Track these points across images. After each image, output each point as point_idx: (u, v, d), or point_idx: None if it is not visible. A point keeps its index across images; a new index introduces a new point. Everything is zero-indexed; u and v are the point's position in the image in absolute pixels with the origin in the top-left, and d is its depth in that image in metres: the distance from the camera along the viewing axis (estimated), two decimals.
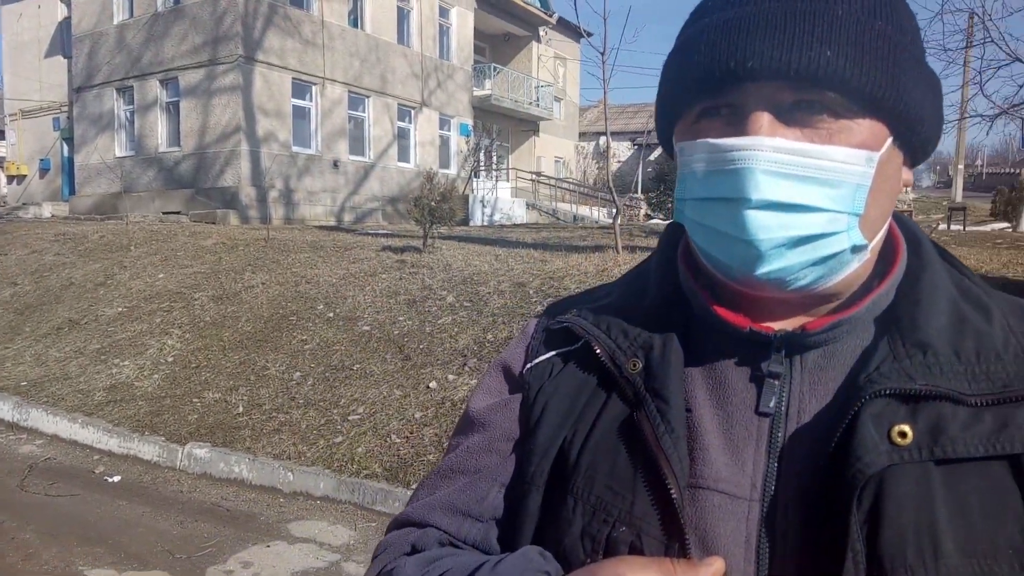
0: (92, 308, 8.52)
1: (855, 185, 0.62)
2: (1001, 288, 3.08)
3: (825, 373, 0.67)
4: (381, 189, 19.28)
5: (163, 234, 11.86)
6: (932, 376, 0.61)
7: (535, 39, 26.44)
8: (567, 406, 0.73)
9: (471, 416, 0.82)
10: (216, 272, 9.11)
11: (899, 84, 0.62)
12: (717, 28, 0.63)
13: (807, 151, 0.61)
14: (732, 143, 0.62)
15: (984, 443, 0.59)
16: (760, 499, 0.64)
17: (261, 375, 6.29)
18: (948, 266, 0.72)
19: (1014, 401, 0.60)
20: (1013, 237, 12.81)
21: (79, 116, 18.72)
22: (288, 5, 16.78)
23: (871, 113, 0.62)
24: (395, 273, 8.32)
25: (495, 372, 0.84)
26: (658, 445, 0.65)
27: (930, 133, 0.67)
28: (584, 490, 0.68)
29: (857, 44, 0.61)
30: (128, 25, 17.57)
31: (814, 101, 0.61)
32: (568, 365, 0.76)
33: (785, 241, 0.61)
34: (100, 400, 6.32)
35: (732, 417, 0.67)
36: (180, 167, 16.71)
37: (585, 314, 0.77)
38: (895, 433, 0.59)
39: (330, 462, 4.92)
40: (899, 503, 0.58)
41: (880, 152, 0.63)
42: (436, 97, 21.23)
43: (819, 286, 0.66)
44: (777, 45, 0.60)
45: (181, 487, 4.98)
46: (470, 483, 0.77)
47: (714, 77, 0.62)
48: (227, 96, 15.85)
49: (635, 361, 0.71)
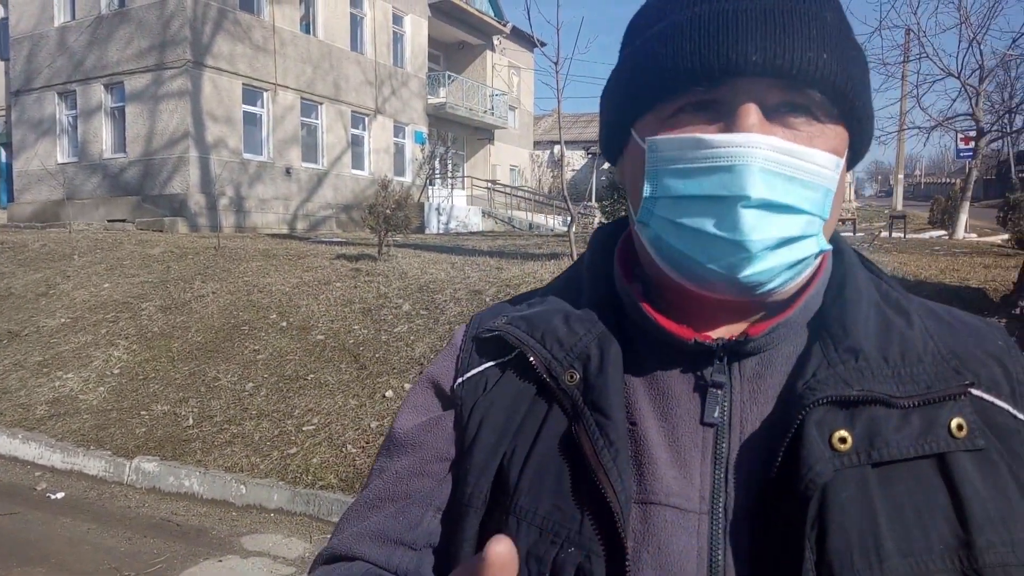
0: (33, 319, 8.22)
1: (826, 189, 0.63)
2: (938, 293, 3.25)
3: (764, 381, 0.66)
4: (335, 197, 19.09)
5: (108, 242, 11.51)
6: (865, 380, 0.62)
7: (489, 48, 26.56)
8: (505, 421, 0.69)
9: (398, 437, 0.76)
10: (164, 281, 8.89)
11: (866, 91, 0.65)
12: (713, 18, 0.61)
13: (798, 152, 0.61)
14: (728, 139, 0.60)
15: (914, 444, 0.60)
16: (709, 512, 0.63)
17: (212, 386, 6.16)
18: (868, 271, 0.73)
19: (937, 402, 0.62)
20: (949, 244, 13.34)
21: (17, 120, 18.08)
22: (238, 10, 16.52)
23: (842, 118, 0.64)
24: (350, 281, 8.24)
25: (422, 388, 0.79)
26: (597, 461, 0.63)
27: (869, 142, 0.69)
28: (529, 510, 0.65)
29: (841, 50, 0.62)
30: (70, 27, 17.06)
31: (799, 103, 0.62)
32: (504, 377, 0.72)
33: (773, 242, 0.61)
34: (42, 414, 6.11)
35: (677, 429, 0.66)
36: (126, 174, 16.26)
37: (517, 322, 0.73)
38: (835, 439, 0.60)
39: (284, 474, 4.85)
40: (843, 509, 0.58)
41: (844, 157, 0.65)
42: (390, 104, 21.13)
43: (782, 290, 0.66)
44: (780, 42, 0.59)
45: (129, 502, 4.84)
46: (402, 509, 0.72)
47: (711, 69, 0.60)
48: (175, 101, 15.50)
49: (572, 372, 0.68)
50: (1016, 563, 0.58)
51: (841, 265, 0.72)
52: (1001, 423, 0.63)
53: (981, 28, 14.64)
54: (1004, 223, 16.90)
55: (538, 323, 0.72)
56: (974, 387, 0.64)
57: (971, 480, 0.60)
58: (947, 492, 0.60)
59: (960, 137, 20.53)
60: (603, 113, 0.74)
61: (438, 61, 25.61)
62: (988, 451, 0.62)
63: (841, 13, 0.65)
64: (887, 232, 18.66)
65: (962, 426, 0.61)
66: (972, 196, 17.70)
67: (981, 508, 0.59)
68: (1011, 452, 0.63)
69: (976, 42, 14.69)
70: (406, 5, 21.74)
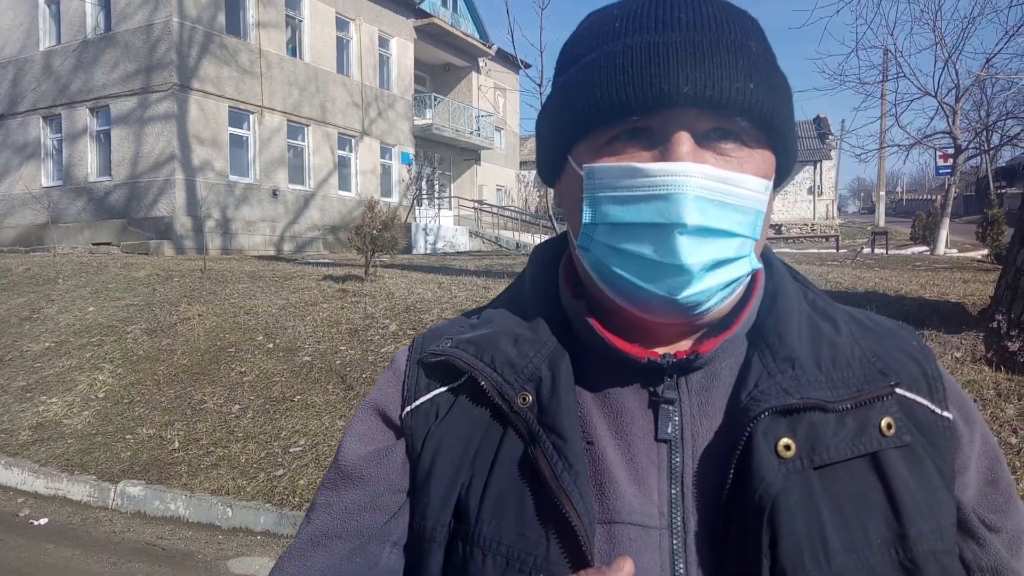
0: (16, 344, 8.15)
1: (757, 212, 0.65)
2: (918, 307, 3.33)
3: (710, 394, 0.69)
4: (322, 218, 19.10)
5: (93, 266, 11.46)
6: (803, 388, 0.65)
7: (475, 70, 26.78)
8: (461, 450, 0.68)
9: (344, 469, 0.73)
10: (150, 304, 8.86)
11: (790, 117, 0.68)
12: (644, 50, 0.63)
13: (730, 179, 0.63)
14: (663, 168, 0.62)
15: (850, 445, 0.64)
16: (668, 526, 0.64)
17: (198, 409, 6.13)
18: (796, 283, 0.77)
19: (868, 403, 0.66)
20: (931, 259, 13.52)
21: (1, 145, 18.02)
22: (224, 34, 16.62)
23: (768, 143, 0.67)
24: (336, 302, 8.24)
25: (367, 416, 0.76)
26: (558, 484, 0.63)
27: (793, 164, 0.72)
28: (493, 539, 0.64)
29: (767, 79, 0.65)
30: (55, 51, 17.08)
31: (728, 130, 0.64)
32: (456, 403, 0.71)
33: (708, 264, 0.63)
34: (25, 439, 6.05)
35: (633, 446, 0.67)
36: (111, 197, 16.22)
37: (464, 345, 0.72)
38: (780, 447, 0.62)
39: (271, 496, 4.82)
40: (791, 513, 0.61)
41: (772, 180, 0.68)
42: (377, 126, 21.24)
43: (718, 308, 0.68)
44: (710, 74, 0.61)
45: (114, 527, 4.80)
46: (357, 549, 0.69)
47: (645, 99, 0.62)
48: (161, 124, 15.52)
49: (525, 395, 0.68)
50: (944, 549, 0.63)
51: (772, 278, 0.75)
52: (923, 418, 0.68)
53: (955, 49, 14.96)
54: (983, 238, 17.13)
55: (487, 346, 0.72)
56: (899, 387, 0.68)
57: (901, 475, 0.64)
58: (881, 488, 0.63)
59: (939, 154, 20.87)
60: (539, 138, 0.75)
61: (424, 83, 25.79)
62: (914, 446, 0.66)
63: (766, 42, 0.68)
64: (870, 248, 18.88)
65: (891, 425, 0.65)
66: (953, 212, 17.96)
67: (911, 500, 0.63)
68: (933, 445, 0.67)
69: (951, 62, 15.01)
70: (392, 28, 21.94)
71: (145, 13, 15.68)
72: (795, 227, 31.41)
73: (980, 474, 0.71)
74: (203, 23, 16.08)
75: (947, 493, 0.66)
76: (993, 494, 0.71)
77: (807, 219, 33.55)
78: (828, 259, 13.18)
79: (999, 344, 4.54)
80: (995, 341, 4.59)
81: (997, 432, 3.78)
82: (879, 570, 0.61)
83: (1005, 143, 19.31)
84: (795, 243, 26.51)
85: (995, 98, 23.34)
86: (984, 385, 4.17)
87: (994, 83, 18.68)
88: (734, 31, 0.65)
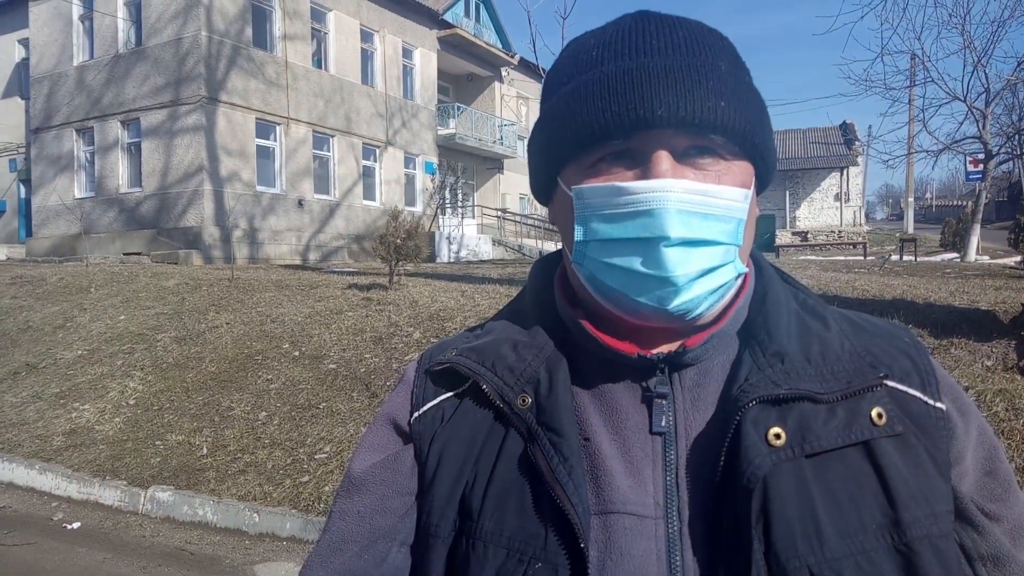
0: (51, 351, 8.34)
1: (738, 220, 0.69)
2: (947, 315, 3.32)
3: (703, 389, 0.72)
4: (347, 227, 19.29)
5: (124, 275, 11.68)
6: (792, 380, 0.69)
7: (498, 79, 26.92)
8: (465, 451, 0.73)
9: (357, 478, 0.78)
10: (179, 313, 9.01)
11: (763, 129, 0.72)
12: (620, 77, 0.67)
13: (708, 191, 0.67)
14: (645, 185, 0.66)
15: (841, 434, 0.67)
16: (664, 516, 0.68)
17: (226, 416, 6.22)
18: (786, 284, 0.81)
19: (858, 394, 0.69)
20: (961, 267, 13.29)
21: (37, 157, 18.46)
22: (251, 47, 16.90)
23: (745, 155, 0.71)
24: (361, 311, 8.32)
25: (380, 426, 0.81)
26: (553, 477, 0.67)
27: (773, 169, 0.77)
28: (495, 532, 0.68)
29: (737, 95, 0.69)
30: (88, 66, 17.50)
31: (705, 146, 0.68)
32: (460, 407, 0.75)
33: (696, 274, 0.67)
34: (59, 445, 6.18)
35: (629, 440, 0.71)
36: (141, 207, 16.54)
37: (467, 353, 0.77)
38: (771, 436, 0.66)
39: (297, 502, 4.88)
40: (784, 500, 0.64)
41: (752, 189, 0.72)
42: (401, 136, 21.43)
43: (708, 313, 0.72)
44: (682, 96, 0.66)
45: (144, 532, 4.88)
46: (366, 547, 0.74)
47: (623, 124, 0.66)
48: (190, 136, 15.81)
49: (524, 397, 0.72)
50: (939, 533, 0.66)
51: (762, 280, 0.79)
52: (916, 410, 0.71)
53: (985, 52, 14.74)
54: (1016, 245, 16.81)
55: (488, 352, 0.77)
56: (889, 379, 0.71)
57: (894, 463, 0.67)
58: (875, 475, 0.66)
59: (969, 160, 20.53)
60: (530, 162, 0.80)
61: (447, 93, 25.98)
62: (906, 435, 0.69)
63: (735, 60, 0.73)
64: (898, 255, 18.61)
65: (881, 414, 0.68)
66: (984, 218, 17.65)
67: (905, 487, 0.66)
68: (926, 434, 0.70)
69: (980, 66, 14.79)
70: (416, 39, 22.15)
71: (175, 27, 16.01)
72: (822, 234, 31.05)
73: (978, 464, 0.73)
74: (231, 36, 16.38)
75: (942, 480, 0.68)
76: (992, 484, 0.73)
77: (834, 226, 33.14)
78: (855, 266, 13.02)
79: None
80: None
81: None
82: (874, 555, 0.63)
83: None
84: (822, 250, 26.19)
85: None
86: (1016, 394, 4.10)
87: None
88: (704, 53, 0.69)
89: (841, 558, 0.63)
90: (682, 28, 0.71)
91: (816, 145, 34.54)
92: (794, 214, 34.70)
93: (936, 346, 4.88)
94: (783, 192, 34.53)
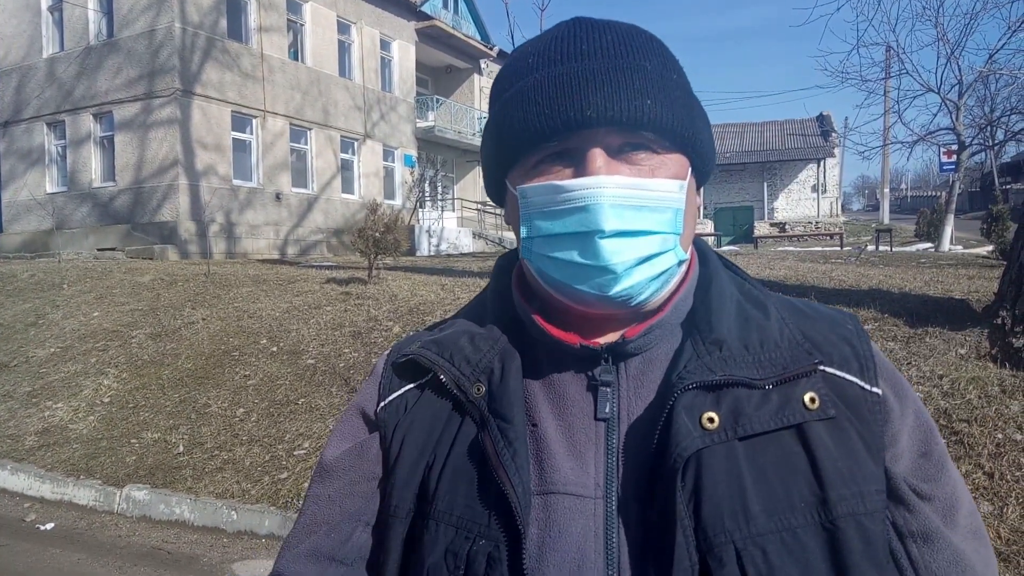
0: (22, 349, 8.19)
1: (675, 210, 0.74)
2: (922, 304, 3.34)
3: (646, 377, 0.76)
4: (325, 221, 19.14)
5: (98, 271, 11.50)
6: (728, 367, 0.73)
7: (477, 71, 26.81)
8: (424, 436, 0.78)
9: (327, 465, 0.84)
10: (154, 309, 8.89)
11: (694, 123, 0.76)
12: (551, 83, 0.72)
13: (640, 185, 0.72)
14: (579, 183, 0.71)
15: (773, 418, 0.71)
16: (604, 496, 0.72)
17: (203, 413, 6.14)
18: (731, 273, 0.84)
19: (792, 380, 0.73)
20: (935, 256, 13.47)
21: (6, 152, 18.10)
22: (226, 39, 16.67)
23: (677, 148, 0.75)
24: (340, 305, 8.26)
25: (350, 416, 0.86)
26: (498, 461, 0.71)
27: (711, 160, 0.81)
28: (446, 512, 0.73)
29: (665, 93, 0.73)
30: (59, 58, 17.16)
31: (637, 143, 0.72)
32: (422, 396, 0.81)
33: (633, 262, 0.71)
34: (32, 445, 6.07)
35: (574, 426, 0.75)
36: (115, 202, 16.28)
37: (429, 345, 0.82)
38: (704, 419, 0.70)
39: (276, 499, 4.83)
40: (714, 479, 0.68)
41: (687, 180, 0.76)
42: (379, 129, 21.27)
43: (653, 299, 0.76)
44: (609, 97, 0.70)
45: (119, 531, 4.82)
46: (334, 527, 0.80)
47: (556, 126, 0.71)
48: (164, 130, 15.57)
49: (479, 386, 0.77)
50: (864, 512, 0.69)
51: (707, 269, 0.83)
52: (851, 394, 0.75)
53: (958, 45, 14.92)
54: (988, 235, 17.08)
55: (447, 345, 0.82)
56: (824, 365, 0.75)
57: (825, 444, 0.71)
58: (805, 457, 0.70)
59: (943, 151, 20.80)
60: (482, 165, 0.85)
61: (426, 85, 25.83)
62: (839, 419, 0.72)
63: (664, 60, 0.77)
64: (874, 245, 18.83)
65: (815, 399, 0.72)
66: (957, 209, 17.91)
67: (833, 467, 0.70)
68: (860, 418, 0.74)
69: (954, 58, 14.97)
70: (394, 31, 21.98)
71: (147, 19, 15.74)
72: (799, 225, 31.32)
73: (913, 446, 0.77)
74: (205, 28, 16.13)
75: (872, 463, 0.72)
76: (925, 464, 0.77)
77: (811, 217, 33.45)
78: (832, 257, 13.15)
79: (1003, 340, 4.52)
80: (999, 337, 4.58)
81: (1002, 428, 3.76)
82: (800, 531, 0.67)
83: (1009, 139, 19.21)
84: (800, 241, 26.43)
85: (998, 94, 23.28)
86: (989, 382, 4.15)
87: (997, 79, 18.59)
88: (632, 55, 0.74)
89: (766, 534, 0.66)
90: (611, 32, 0.75)
91: (794, 137, 34.78)
92: (772, 205, 34.99)
93: (911, 335, 4.93)
94: (761, 183, 34.81)
